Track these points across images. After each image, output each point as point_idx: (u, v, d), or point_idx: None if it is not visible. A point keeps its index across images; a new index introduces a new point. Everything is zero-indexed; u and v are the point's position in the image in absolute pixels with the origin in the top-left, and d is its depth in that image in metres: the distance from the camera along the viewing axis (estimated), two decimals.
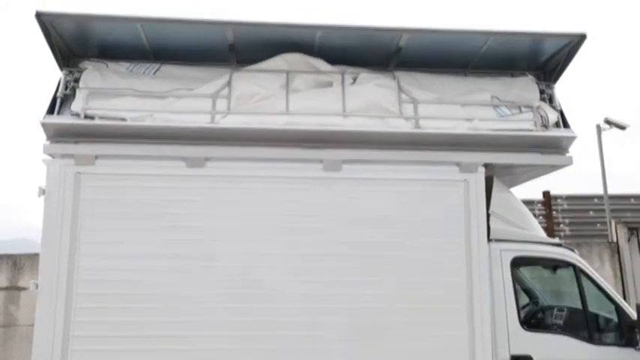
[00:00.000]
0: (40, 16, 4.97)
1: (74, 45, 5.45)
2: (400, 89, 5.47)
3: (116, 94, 5.21)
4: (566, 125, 5.56)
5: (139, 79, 5.41)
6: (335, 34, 5.43)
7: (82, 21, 5.19)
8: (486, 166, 5.39)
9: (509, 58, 5.84)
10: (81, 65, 5.47)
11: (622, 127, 13.35)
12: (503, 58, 5.79)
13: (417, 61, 5.73)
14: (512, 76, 5.93)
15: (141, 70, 5.52)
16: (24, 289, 8.90)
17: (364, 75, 5.59)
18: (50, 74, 5.69)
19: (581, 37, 5.47)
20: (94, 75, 5.33)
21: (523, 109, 5.55)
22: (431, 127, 5.32)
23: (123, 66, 5.54)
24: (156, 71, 5.53)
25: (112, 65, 5.51)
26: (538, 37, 5.55)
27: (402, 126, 5.31)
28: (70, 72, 5.34)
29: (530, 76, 5.91)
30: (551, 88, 5.82)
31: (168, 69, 5.56)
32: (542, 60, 5.88)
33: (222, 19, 5.27)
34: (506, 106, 5.56)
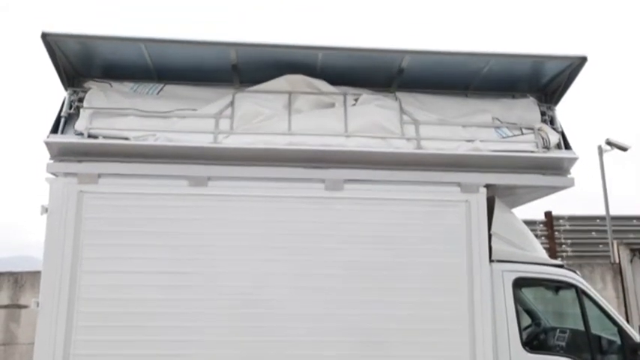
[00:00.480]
0: (45, 37, 5.03)
1: (79, 65, 5.50)
2: (402, 110, 5.49)
3: (120, 114, 5.23)
4: (567, 147, 5.56)
5: (142, 98, 5.43)
6: (337, 55, 5.46)
7: (87, 41, 5.23)
8: (488, 186, 5.39)
9: (511, 80, 5.86)
10: (85, 85, 5.52)
11: (623, 149, 13.33)
12: (504, 79, 5.81)
13: (418, 82, 5.75)
14: (514, 97, 5.95)
15: (144, 89, 5.54)
16: (25, 306, 8.88)
17: (366, 96, 5.61)
18: (50, 78, 5.71)
19: (582, 60, 5.50)
20: (98, 95, 5.36)
21: (524, 130, 5.54)
22: (432, 147, 5.33)
23: (127, 86, 5.57)
24: (159, 91, 5.55)
25: (115, 85, 5.55)
26: (539, 60, 5.58)
27: (403, 147, 5.32)
28: (75, 92, 5.38)
29: (531, 98, 5.92)
30: (552, 110, 5.83)
31: (171, 89, 5.58)
32: (544, 82, 5.90)
33: (225, 39, 5.30)
34: (507, 127, 5.56)
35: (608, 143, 13.37)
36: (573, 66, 5.55)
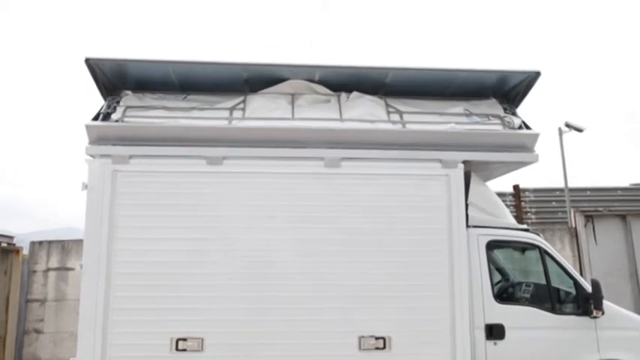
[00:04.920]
0: (88, 61, 5.11)
1: (116, 81, 5.50)
2: (387, 105, 5.52)
3: (149, 107, 5.25)
4: (528, 129, 5.52)
5: (169, 101, 5.45)
6: (332, 72, 5.50)
7: (122, 63, 5.26)
8: (465, 162, 5.32)
9: (478, 89, 5.84)
10: (121, 94, 5.52)
11: (579, 130, 13.23)
12: (472, 89, 5.81)
13: (402, 91, 5.73)
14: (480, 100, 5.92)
15: (171, 97, 5.55)
16: (71, 269, 9.00)
17: (357, 93, 5.63)
18: (50, 82, 5.73)
19: (537, 74, 5.56)
20: (132, 98, 5.41)
21: (491, 118, 5.55)
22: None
23: (156, 94, 5.57)
24: (183, 99, 5.56)
25: (147, 94, 5.55)
26: (502, 74, 5.62)
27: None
28: (113, 98, 5.41)
29: (494, 99, 5.90)
30: (512, 108, 5.82)
31: (193, 97, 5.58)
32: (505, 90, 5.89)
33: (239, 61, 5.34)
34: (477, 115, 5.56)
35: (567, 125, 13.26)
36: (529, 79, 5.60)
